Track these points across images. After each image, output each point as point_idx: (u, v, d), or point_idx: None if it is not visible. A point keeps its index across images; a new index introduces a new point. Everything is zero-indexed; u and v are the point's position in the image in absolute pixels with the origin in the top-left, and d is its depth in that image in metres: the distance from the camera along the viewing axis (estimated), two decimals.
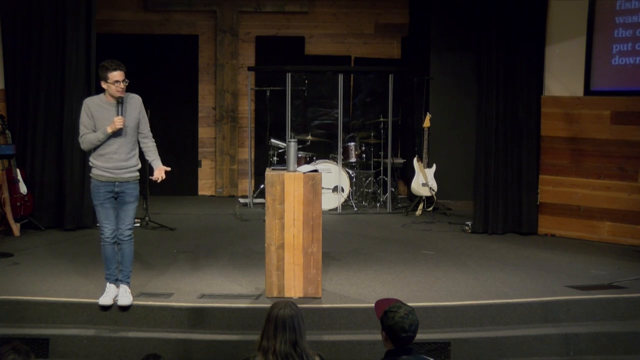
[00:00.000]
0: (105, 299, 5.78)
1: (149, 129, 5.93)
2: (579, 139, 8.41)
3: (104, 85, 5.67)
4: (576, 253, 7.76)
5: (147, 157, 5.95)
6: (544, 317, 5.96)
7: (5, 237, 8.05)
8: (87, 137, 5.71)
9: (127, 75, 5.69)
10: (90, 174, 5.80)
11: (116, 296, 5.82)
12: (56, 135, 8.60)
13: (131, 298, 5.79)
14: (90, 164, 5.80)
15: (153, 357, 3.84)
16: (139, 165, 5.89)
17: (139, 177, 5.89)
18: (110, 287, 5.84)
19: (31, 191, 8.44)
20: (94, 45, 8.59)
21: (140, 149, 5.90)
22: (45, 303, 5.83)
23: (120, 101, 5.67)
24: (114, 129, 5.62)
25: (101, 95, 5.76)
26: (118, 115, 5.66)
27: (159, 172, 5.89)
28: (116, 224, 5.79)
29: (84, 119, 5.72)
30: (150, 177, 5.95)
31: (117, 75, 5.60)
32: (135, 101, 5.82)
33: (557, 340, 5.79)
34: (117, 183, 5.71)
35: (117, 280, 5.86)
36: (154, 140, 5.95)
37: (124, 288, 5.83)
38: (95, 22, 8.68)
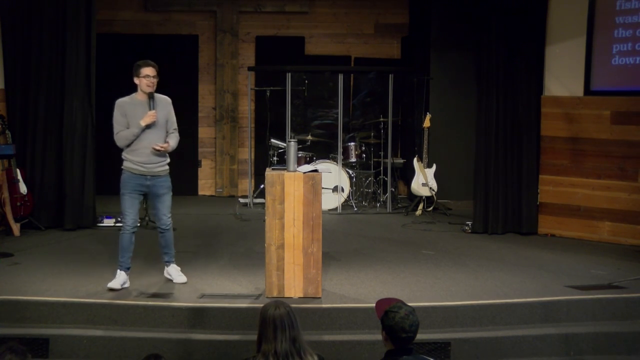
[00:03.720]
0: (114, 283, 6.06)
1: (176, 127, 6.35)
2: (579, 139, 8.41)
3: (136, 81, 6.12)
4: (576, 253, 7.76)
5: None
6: (544, 317, 5.96)
7: (5, 237, 8.05)
8: (121, 134, 6.11)
9: (158, 74, 6.15)
10: (122, 167, 6.17)
11: (124, 283, 6.11)
12: (56, 135, 8.60)
13: (185, 277, 6.32)
14: (123, 157, 6.17)
15: (154, 357, 3.82)
16: (169, 160, 6.29)
17: (169, 171, 6.28)
18: (121, 274, 6.13)
19: (31, 191, 8.44)
20: (94, 45, 8.60)
21: None
22: (45, 303, 5.83)
23: (151, 96, 6.10)
24: (147, 122, 6.05)
25: (132, 95, 6.20)
26: (150, 109, 6.08)
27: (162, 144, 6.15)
28: (138, 214, 6.22)
29: (117, 117, 6.12)
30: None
31: (147, 70, 6.07)
32: (165, 101, 6.27)
33: (557, 340, 5.78)
34: (148, 177, 6.13)
35: (128, 269, 6.17)
36: (178, 136, 6.35)
37: (174, 267, 6.37)
38: (95, 22, 8.68)
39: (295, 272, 5.98)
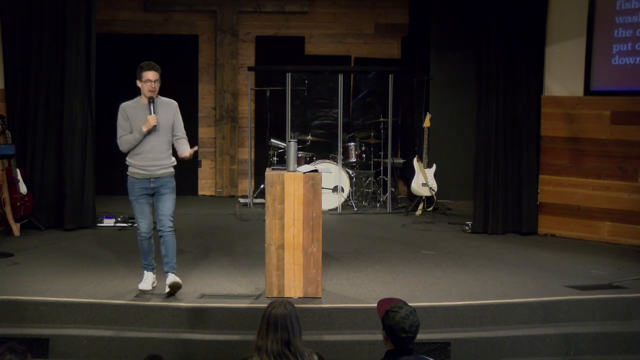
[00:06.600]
0: (144, 285, 6.09)
1: (184, 131, 6.17)
2: (579, 139, 8.41)
3: (138, 84, 6.00)
4: (576, 253, 7.76)
5: (177, 149, 6.12)
6: (544, 317, 5.96)
7: (5, 237, 8.05)
8: (124, 138, 6.01)
9: (161, 77, 6.01)
10: (127, 173, 6.08)
11: (154, 282, 6.16)
12: (56, 135, 8.60)
13: (178, 279, 6.02)
14: (127, 162, 6.08)
15: (156, 359, 3.82)
16: (174, 162, 6.16)
17: (174, 173, 6.15)
18: (149, 275, 6.14)
19: (31, 191, 8.44)
20: (94, 45, 8.60)
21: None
22: (45, 303, 5.83)
23: (151, 101, 5.96)
24: (148, 127, 5.92)
25: (137, 98, 6.07)
26: (151, 114, 5.94)
27: (186, 151, 6.08)
28: (151, 219, 6.10)
29: (120, 121, 6.02)
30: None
31: (149, 74, 5.94)
32: (170, 105, 6.12)
33: (557, 340, 5.78)
34: (152, 179, 6.02)
35: (154, 269, 6.17)
36: (186, 138, 6.19)
37: (172, 277, 5.99)
38: (95, 22, 8.68)
39: (295, 272, 5.98)
